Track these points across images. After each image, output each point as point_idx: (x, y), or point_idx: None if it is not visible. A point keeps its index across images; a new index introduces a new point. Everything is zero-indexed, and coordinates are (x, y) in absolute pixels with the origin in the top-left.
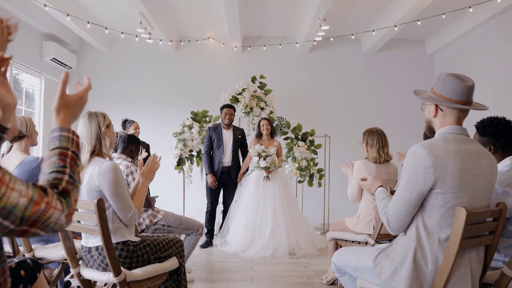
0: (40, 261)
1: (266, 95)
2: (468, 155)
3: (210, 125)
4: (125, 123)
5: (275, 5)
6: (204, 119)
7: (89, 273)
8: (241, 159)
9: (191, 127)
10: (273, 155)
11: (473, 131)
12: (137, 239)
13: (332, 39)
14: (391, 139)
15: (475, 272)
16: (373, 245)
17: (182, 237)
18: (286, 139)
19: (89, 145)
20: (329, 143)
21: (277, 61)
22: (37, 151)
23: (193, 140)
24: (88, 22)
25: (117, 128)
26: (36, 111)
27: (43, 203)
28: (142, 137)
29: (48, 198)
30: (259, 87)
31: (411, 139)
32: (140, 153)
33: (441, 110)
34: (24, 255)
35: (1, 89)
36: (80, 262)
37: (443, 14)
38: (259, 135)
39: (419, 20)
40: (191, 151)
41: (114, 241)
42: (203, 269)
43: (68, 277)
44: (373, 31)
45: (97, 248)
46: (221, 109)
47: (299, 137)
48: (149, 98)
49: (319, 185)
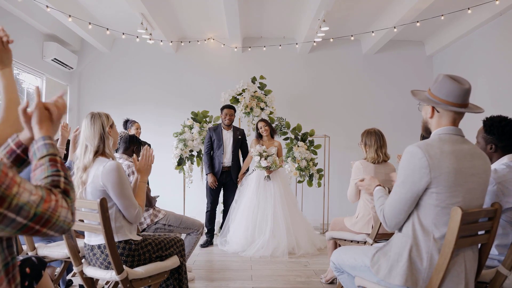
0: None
1: (266, 95)
2: (463, 156)
3: (210, 125)
4: (126, 123)
5: (275, 6)
6: (204, 120)
7: (91, 271)
8: (241, 159)
9: (191, 127)
10: (274, 155)
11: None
12: (139, 238)
13: (331, 40)
14: (390, 139)
15: (469, 270)
16: (371, 245)
17: (182, 237)
18: (286, 139)
19: (92, 145)
20: (329, 144)
21: (277, 61)
22: None
23: (193, 140)
24: (89, 23)
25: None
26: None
27: (53, 201)
28: (142, 137)
29: (56, 196)
30: (259, 87)
31: (410, 139)
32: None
33: (437, 111)
34: (27, 254)
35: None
36: (82, 260)
37: (442, 15)
38: (259, 136)
39: (418, 21)
40: (191, 151)
41: (116, 239)
42: (204, 268)
43: (70, 275)
44: (373, 32)
45: (99, 246)
46: (221, 109)
47: (299, 137)
48: (150, 98)
49: (319, 185)
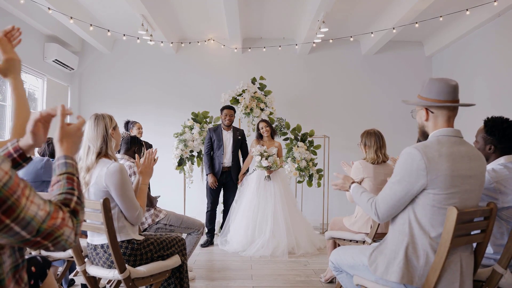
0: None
1: (266, 96)
2: (460, 158)
3: (210, 126)
4: (127, 124)
5: (275, 7)
6: (204, 120)
7: (94, 270)
8: (241, 159)
9: (191, 128)
10: (275, 155)
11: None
12: (141, 238)
13: (331, 41)
14: (389, 140)
15: (465, 268)
16: (370, 244)
17: (183, 236)
18: (285, 139)
19: (95, 147)
20: (328, 144)
21: (277, 62)
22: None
23: (193, 140)
24: (90, 24)
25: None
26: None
27: (59, 218)
28: (143, 138)
29: (64, 214)
30: (259, 88)
31: (409, 139)
32: (142, 153)
33: (432, 112)
34: (30, 253)
35: (42, 131)
36: (85, 259)
37: (441, 16)
38: (259, 137)
39: (417, 22)
40: (191, 151)
41: (119, 239)
42: (204, 268)
43: (72, 275)
44: (372, 33)
45: (102, 246)
46: (221, 110)
47: (299, 137)
48: (150, 99)
49: (318, 185)
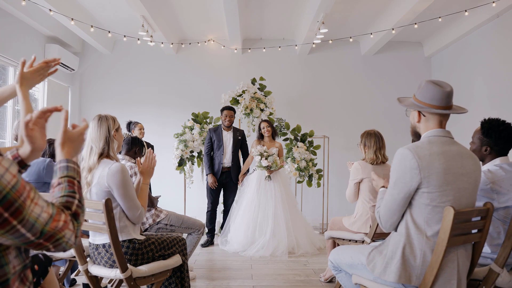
0: None
1: (266, 96)
2: (451, 156)
3: (210, 126)
4: (129, 125)
5: (274, 8)
6: (204, 121)
7: (96, 270)
8: (241, 160)
9: (192, 128)
10: (275, 154)
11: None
12: (143, 237)
13: (330, 41)
14: (389, 140)
15: (461, 267)
16: (369, 244)
17: (184, 236)
18: (285, 140)
19: (97, 147)
20: (328, 144)
21: (276, 63)
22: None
23: (194, 141)
24: (91, 26)
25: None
26: None
27: (61, 221)
28: (145, 138)
29: (66, 217)
30: (259, 88)
31: (409, 139)
32: (143, 154)
33: (424, 115)
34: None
35: (39, 134)
36: (87, 259)
37: (440, 17)
38: (260, 137)
39: (416, 23)
40: (192, 152)
41: (120, 239)
42: (204, 267)
43: (73, 274)
44: (371, 33)
45: (104, 245)
46: (221, 110)
47: (298, 138)
48: (150, 99)
49: (318, 185)
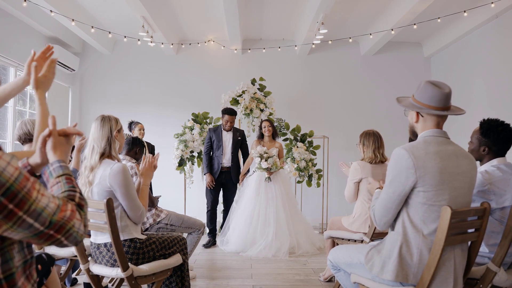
0: None
1: (265, 97)
2: (447, 156)
3: (210, 126)
4: (131, 125)
5: (274, 8)
6: (204, 121)
7: (98, 269)
8: (241, 160)
9: (192, 129)
10: (275, 156)
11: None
12: (144, 237)
13: (330, 42)
14: (388, 140)
15: (458, 266)
16: (368, 243)
17: (184, 236)
18: (285, 140)
19: (99, 147)
20: (328, 144)
21: (276, 63)
22: None
23: (194, 141)
24: (92, 26)
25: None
26: None
27: (68, 210)
28: (145, 138)
29: (72, 207)
30: (258, 89)
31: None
32: (144, 154)
33: (422, 116)
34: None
35: (45, 150)
36: (89, 258)
37: (439, 18)
38: (260, 137)
39: (415, 24)
40: (192, 152)
41: (122, 238)
42: (205, 267)
43: (75, 274)
44: (371, 34)
45: (105, 244)
46: (222, 113)
47: (298, 138)
48: (151, 99)
49: (318, 185)
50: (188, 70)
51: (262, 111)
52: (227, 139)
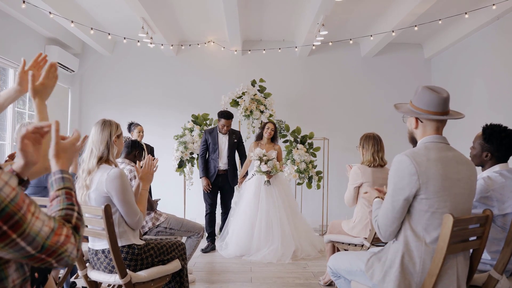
0: None
1: (265, 98)
2: (448, 162)
3: (206, 128)
4: (130, 126)
5: (274, 9)
6: (204, 122)
7: (96, 275)
8: (238, 162)
9: (191, 130)
10: (275, 159)
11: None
12: (142, 243)
13: (330, 43)
14: (389, 142)
15: (461, 274)
16: (368, 248)
17: (183, 239)
18: (285, 142)
19: (97, 151)
20: (328, 146)
21: (276, 64)
22: None
23: (193, 142)
24: (91, 28)
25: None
26: None
27: (63, 235)
28: (144, 140)
29: (67, 231)
30: (258, 90)
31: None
32: (143, 157)
33: (421, 122)
34: None
35: (31, 148)
36: (87, 264)
37: (440, 19)
38: (259, 137)
39: (416, 25)
40: (191, 153)
41: (120, 244)
42: (204, 270)
43: (73, 278)
44: (371, 36)
45: (103, 251)
46: (219, 117)
47: (298, 140)
48: (150, 101)
49: (318, 187)
50: (188, 71)
51: (262, 112)
52: (223, 141)
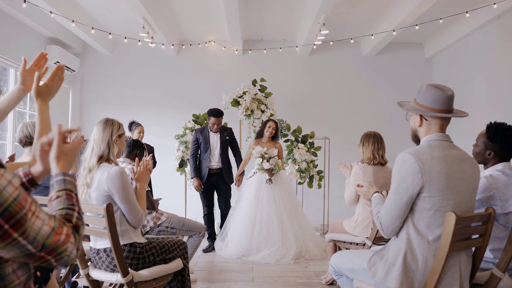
0: None
1: (266, 98)
2: (452, 160)
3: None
4: (131, 125)
5: (275, 9)
6: (205, 122)
7: (97, 274)
8: (232, 159)
9: (192, 130)
10: (276, 157)
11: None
12: (144, 241)
13: (331, 43)
14: (390, 141)
15: (463, 272)
16: (370, 247)
17: (184, 239)
18: (286, 141)
19: (98, 149)
20: (329, 145)
21: (277, 64)
22: None
23: None
24: (92, 28)
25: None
26: None
27: (63, 234)
28: (145, 140)
29: (68, 230)
30: (259, 90)
31: (410, 141)
32: (144, 157)
33: (426, 119)
34: None
35: (46, 158)
36: (88, 263)
37: (441, 19)
38: (259, 135)
39: (416, 25)
40: None
41: (121, 243)
42: (205, 270)
43: (74, 277)
44: (372, 35)
45: (105, 250)
46: (208, 115)
47: (299, 139)
48: (151, 100)
49: (319, 186)
50: (188, 71)
51: (263, 112)
52: (215, 140)
